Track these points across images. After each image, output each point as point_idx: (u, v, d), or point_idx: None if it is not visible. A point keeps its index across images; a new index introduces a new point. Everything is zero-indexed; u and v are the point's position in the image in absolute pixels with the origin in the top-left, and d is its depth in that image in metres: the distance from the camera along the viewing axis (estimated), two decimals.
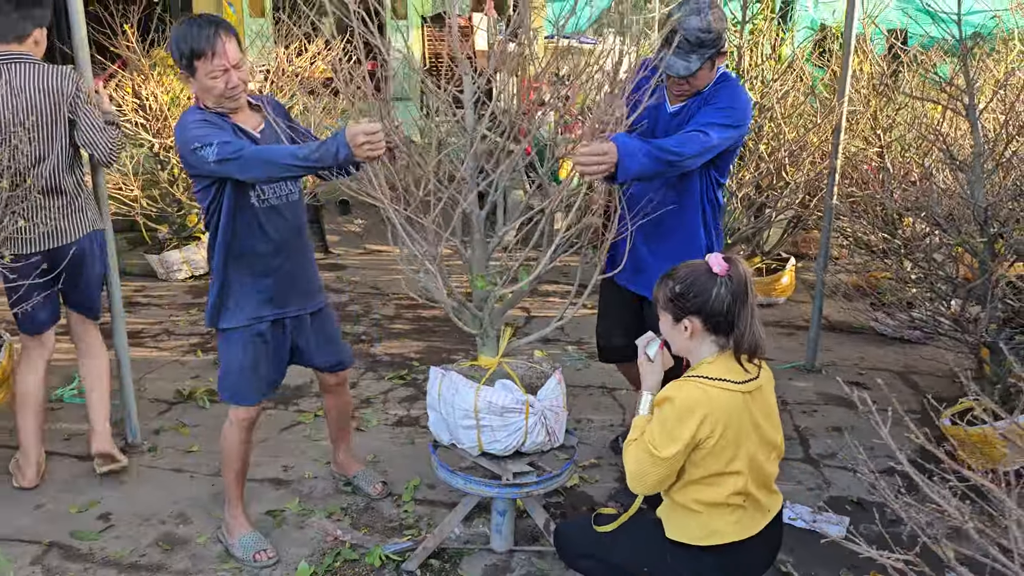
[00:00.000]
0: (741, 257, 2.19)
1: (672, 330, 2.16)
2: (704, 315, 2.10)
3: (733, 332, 2.10)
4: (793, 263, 5.36)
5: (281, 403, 3.90)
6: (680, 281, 2.12)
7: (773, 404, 2.22)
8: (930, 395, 3.86)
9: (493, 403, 2.45)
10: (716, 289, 2.08)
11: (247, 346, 2.71)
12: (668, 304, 2.15)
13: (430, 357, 4.45)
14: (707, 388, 2.06)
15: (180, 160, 2.64)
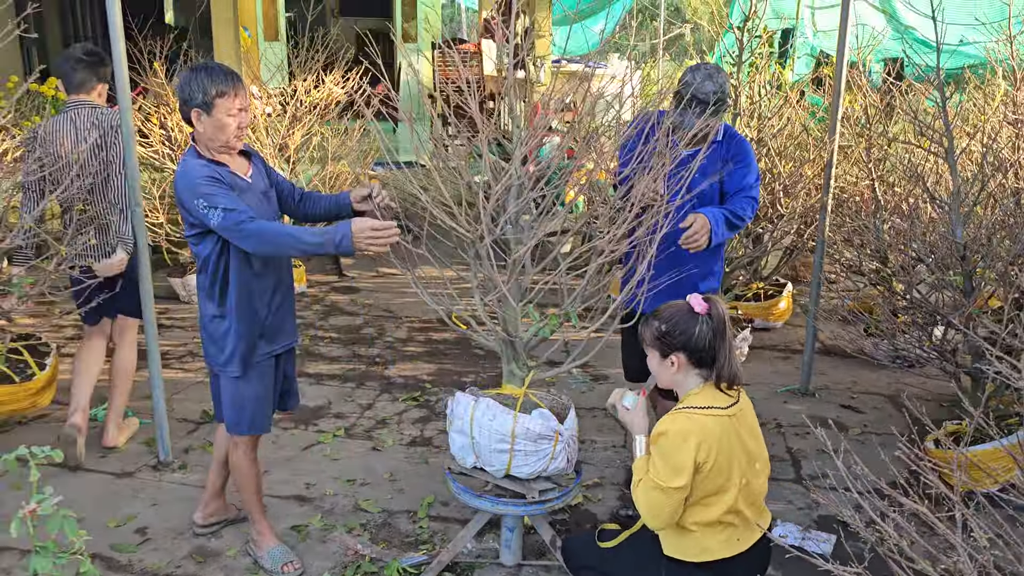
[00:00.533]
0: (719, 298, 2.43)
1: (660, 366, 2.39)
2: (688, 351, 2.33)
3: (715, 364, 2.33)
4: (790, 289, 5.58)
5: (301, 423, 4.12)
6: (665, 321, 2.36)
7: (755, 423, 2.45)
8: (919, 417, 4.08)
9: (530, 430, 2.68)
10: (698, 327, 2.32)
11: (263, 377, 2.91)
12: (655, 342, 2.38)
13: (442, 379, 4.67)
14: (697, 417, 2.29)
15: (177, 203, 2.76)
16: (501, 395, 2.88)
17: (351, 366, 4.87)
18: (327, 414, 4.23)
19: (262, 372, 2.92)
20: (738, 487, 2.33)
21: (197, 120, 2.72)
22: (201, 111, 2.69)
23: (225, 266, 2.79)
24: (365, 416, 4.21)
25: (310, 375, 4.71)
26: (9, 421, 4.05)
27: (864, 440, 4.02)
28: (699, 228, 3.04)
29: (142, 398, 4.34)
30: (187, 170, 2.71)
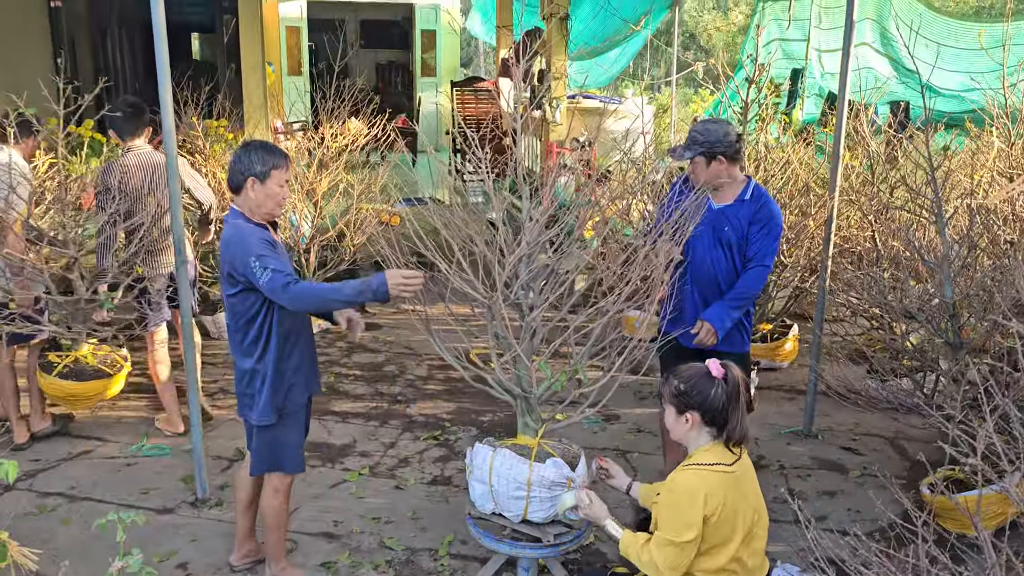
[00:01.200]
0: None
1: (675, 421, 2.62)
2: (702, 411, 2.56)
3: (727, 426, 2.56)
4: (796, 331, 5.78)
5: (328, 461, 4.36)
6: (684, 381, 2.59)
7: (755, 476, 2.67)
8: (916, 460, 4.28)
9: (545, 477, 2.92)
10: (714, 390, 2.54)
11: (298, 422, 3.22)
12: (672, 399, 2.61)
13: (461, 418, 4.91)
14: (703, 473, 2.52)
15: (224, 261, 3.01)
16: (517, 445, 3.12)
17: (374, 404, 5.12)
18: (353, 452, 4.47)
19: (298, 417, 3.20)
20: (742, 537, 2.55)
21: (251, 187, 3.02)
22: (256, 180, 3.02)
23: (269, 323, 3.05)
24: (388, 455, 4.46)
25: (336, 413, 4.96)
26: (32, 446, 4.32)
27: (863, 482, 4.21)
28: (704, 335, 3.56)
29: (179, 435, 4.62)
30: (242, 232, 2.98)
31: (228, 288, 3.05)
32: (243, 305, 3.04)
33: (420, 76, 14.42)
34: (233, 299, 3.05)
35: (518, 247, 3.03)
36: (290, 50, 13.48)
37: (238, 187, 3.05)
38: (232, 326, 3.11)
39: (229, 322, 3.12)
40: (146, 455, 4.39)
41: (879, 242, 4.81)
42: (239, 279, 2.98)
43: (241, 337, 3.09)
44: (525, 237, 3.06)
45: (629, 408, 5.10)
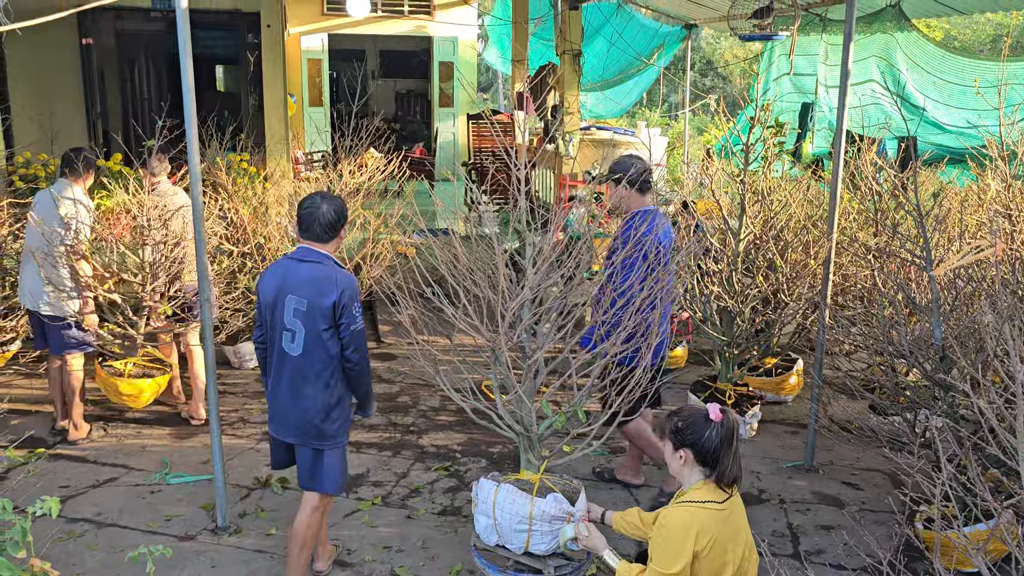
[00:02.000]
0: (731, 408, 2.84)
1: (671, 456, 2.81)
2: (695, 449, 2.74)
3: (718, 467, 2.72)
4: (800, 366, 5.91)
5: (343, 491, 4.53)
6: (682, 419, 2.79)
7: (744, 514, 2.83)
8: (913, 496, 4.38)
9: (546, 512, 3.09)
10: (708, 432, 2.72)
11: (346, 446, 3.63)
12: (671, 435, 2.80)
13: (471, 449, 5.07)
14: (694, 510, 2.68)
15: (337, 304, 3.36)
16: (519, 480, 3.28)
17: (388, 434, 5.29)
18: (366, 482, 4.64)
19: (345, 444, 3.63)
20: (732, 572, 2.69)
21: (343, 234, 3.52)
22: (336, 237, 3.48)
23: (342, 359, 3.44)
24: (400, 484, 4.62)
25: (351, 443, 5.12)
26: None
27: (860, 517, 4.33)
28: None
29: (200, 463, 4.81)
30: (352, 279, 3.42)
31: (322, 324, 3.34)
32: (332, 345, 3.39)
33: (438, 107, 14.70)
34: (326, 334, 3.36)
35: (522, 290, 3.21)
36: (311, 81, 13.82)
37: (335, 233, 3.46)
38: (323, 360, 3.38)
39: (319, 356, 3.37)
40: (169, 483, 4.57)
41: (879, 281, 4.94)
42: (335, 319, 3.36)
43: (331, 371, 3.42)
44: (527, 282, 3.24)
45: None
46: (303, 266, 3.38)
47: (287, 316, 3.36)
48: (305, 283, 3.34)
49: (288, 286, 3.37)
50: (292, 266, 3.41)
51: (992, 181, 4.96)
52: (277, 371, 3.46)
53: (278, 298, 3.38)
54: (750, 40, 6.31)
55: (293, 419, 3.45)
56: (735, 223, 5.15)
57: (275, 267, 3.49)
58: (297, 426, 3.45)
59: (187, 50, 3.65)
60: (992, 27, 24.38)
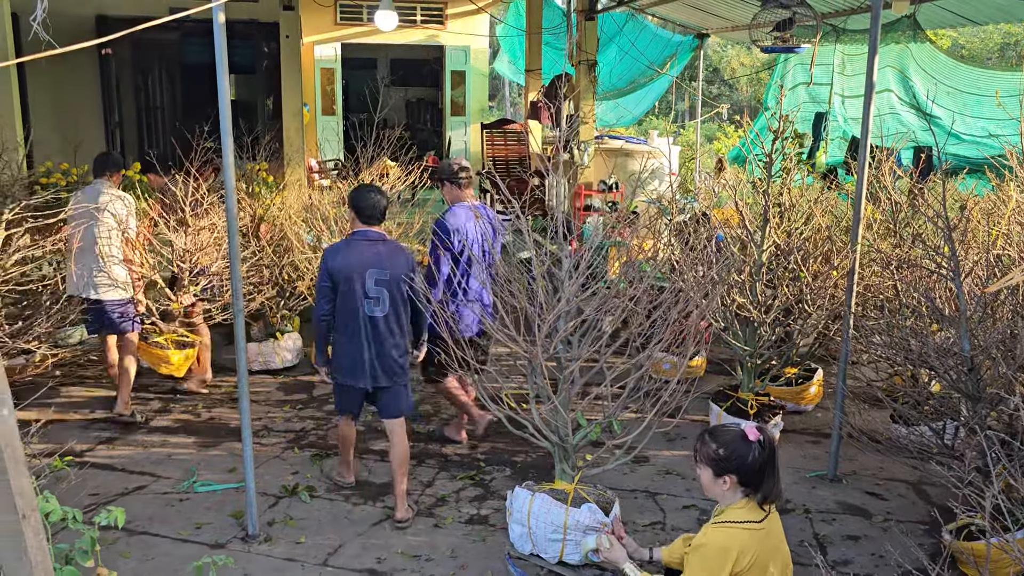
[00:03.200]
0: (767, 425, 2.83)
1: (711, 482, 2.76)
2: (740, 474, 2.70)
3: (762, 487, 2.70)
4: (820, 375, 5.92)
5: (370, 500, 4.56)
6: (722, 445, 2.71)
7: (781, 533, 2.83)
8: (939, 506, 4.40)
9: (580, 522, 3.12)
10: (751, 454, 2.67)
11: None
12: (710, 462, 2.73)
13: (495, 458, 5.10)
14: (734, 531, 2.68)
15: (413, 264, 4.40)
16: (554, 490, 3.31)
17: (411, 443, 5.30)
18: (393, 491, 4.66)
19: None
20: None
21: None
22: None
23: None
24: (427, 493, 4.65)
25: (375, 452, 5.17)
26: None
27: (887, 528, 4.34)
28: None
29: (226, 471, 4.85)
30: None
31: (402, 287, 4.24)
32: (405, 301, 4.30)
33: (449, 115, 14.78)
34: (401, 296, 4.27)
35: (557, 302, 3.24)
36: (324, 90, 13.91)
37: (386, 217, 4.45)
38: (400, 316, 4.28)
39: (398, 313, 4.25)
40: (197, 491, 4.61)
41: (901, 292, 4.97)
42: (410, 278, 4.25)
43: (404, 324, 4.34)
44: (564, 294, 3.28)
45: (658, 450, 5.25)
46: (376, 245, 4.24)
47: (369, 285, 4.16)
48: (383, 257, 4.20)
49: (367, 262, 4.17)
50: (364, 246, 4.23)
51: (1014, 192, 4.97)
52: (357, 334, 4.20)
53: (356, 272, 4.15)
54: (771, 52, 6.36)
55: (381, 366, 4.24)
56: (757, 234, 5.18)
57: (344, 249, 4.25)
58: (385, 370, 4.25)
59: (223, 63, 3.70)
60: (1000, 36, 24.41)
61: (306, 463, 4.98)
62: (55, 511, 1.84)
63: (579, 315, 3.27)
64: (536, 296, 3.26)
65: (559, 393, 3.23)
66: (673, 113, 17.32)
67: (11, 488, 1.25)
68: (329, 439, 5.34)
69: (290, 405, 5.91)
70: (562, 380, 3.23)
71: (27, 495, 1.28)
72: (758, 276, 5.12)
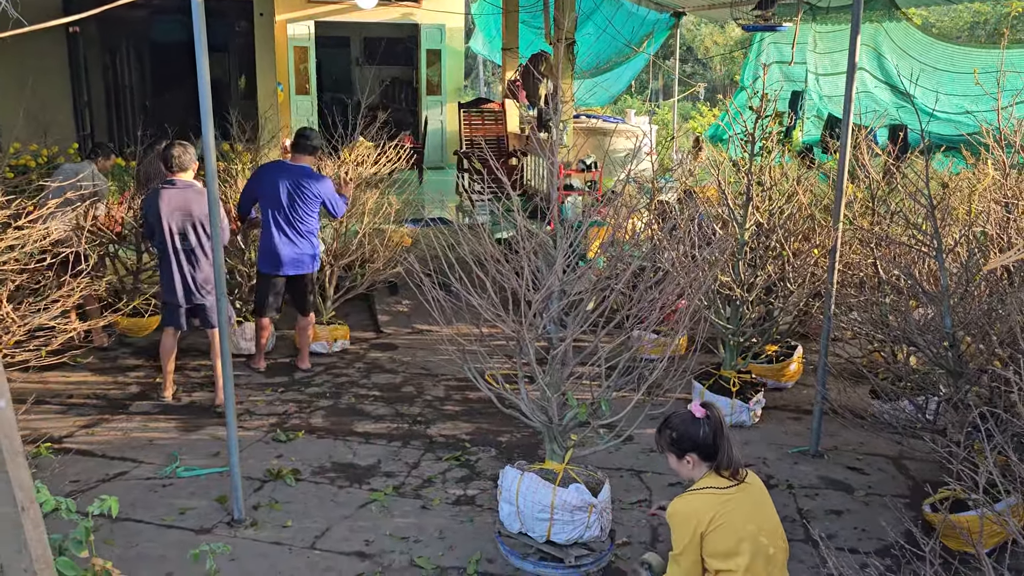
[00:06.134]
0: (712, 403, 2.94)
1: (678, 464, 2.97)
2: (699, 451, 2.91)
3: (717, 456, 2.88)
4: (800, 352, 5.98)
5: (355, 482, 4.55)
6: (674, 429, 2.95)
7: (763, 499, 2.91)
8: (919, 480, 4.47)
9: (567, 502, 3.13)
10: (702, 430, 2.90)
11: None
12: (670, 447, 2.96)
13: (480, 438, 5.10)
14: (693, 496, 2.88)
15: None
16: (544, 470, 3.32)
17: (395, 425, 5.31)
18: (378, 473, 4.66)
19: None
20: (750, 552, 2.77)
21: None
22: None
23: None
24: (412, 475, 4.64)
25: (359, 434, 5.15)
26: (90, 480, 4.50)
27: (868, 502, 4.41)
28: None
29: (210, 455, 4.80)
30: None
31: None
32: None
33: (425, 94, 14.63)
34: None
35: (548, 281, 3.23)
36: (297, 69, 13.69)
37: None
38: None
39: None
40: (180, 476, 4.56)
41: (880, 269, 5.02)
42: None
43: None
44: (556, 271, 3.26)
45: (641, 429, 5.26)
46: (184, 192, 5.27)
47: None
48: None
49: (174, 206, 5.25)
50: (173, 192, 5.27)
51: (991, 170, 5.03)
52: (168, 262, 5.33)
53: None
54: (753, 30, 6.35)
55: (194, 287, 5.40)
56: (739, 211, 5.20)
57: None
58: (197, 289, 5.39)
59: (202, 42, 3.62)
60: (970, 14, 24.62)
61: (290, 446, 4.95)
62: (48, 501, 1.80)
63: (566, 296, 3.26)
64: (524, 274, 3.24)
65: (548, 373, 3.23)
66: (648, 92, 17.27)
67: (10, 480, 1.22)
68: (312, 422, 5.31)
69: (271, 388, 5.87)
70: (551, 360, 3.23)
71: (26, 487, 1.24)
72: (740, 255, 5.14)
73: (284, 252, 5.84)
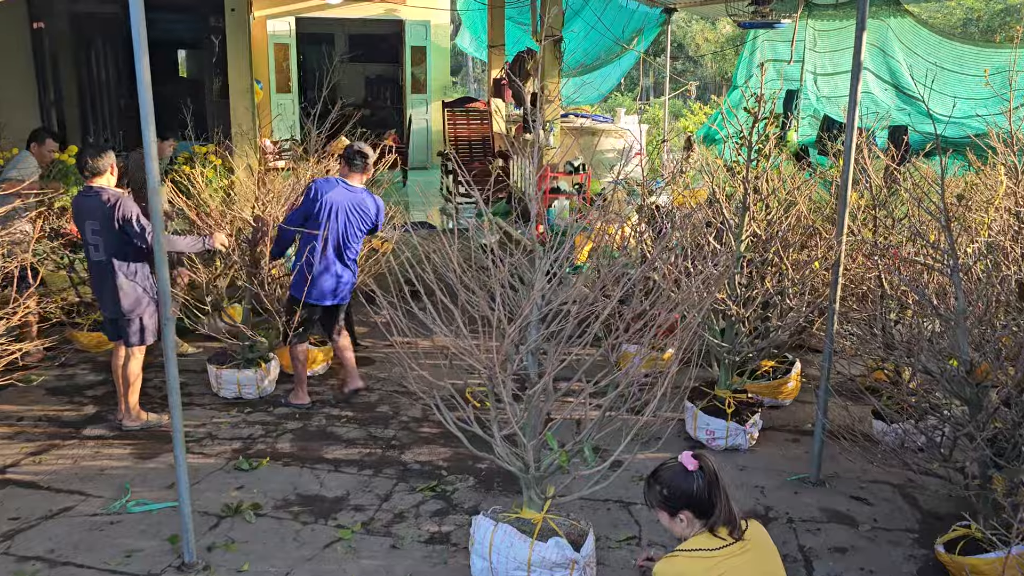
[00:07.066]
0: (704, 452, 2.60)
1: (671, 523, 2.62)
2: (693, 508, 2.56)
3: (712, 513, 2.55)
4: (798, 368, 5.66)
5: (321, 517, 4.19)
6: (665, 484, 2.59)
7: (766, 558, 2.56)
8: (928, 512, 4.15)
9: (546, 558, 2.79)
10: (695, 484, 2.55)
11: None
12: (661, 504, 2.61)
13: (458, 465, 4.76)
14: (677, 560, 2.54)
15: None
16: (520, 519, 2.97)
17: (368, 450, 4.95)
18: (346, 506, 4.31)
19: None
20: None
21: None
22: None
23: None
24: (383, 508, 4.29)
25: (328, 460, 4.80)
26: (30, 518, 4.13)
27: (874, 537, 4.08)
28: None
29: (165, 487, 4.44)
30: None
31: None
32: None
33: (410, 92, 14.25)
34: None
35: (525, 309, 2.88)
36: (279, 67, 13.30)
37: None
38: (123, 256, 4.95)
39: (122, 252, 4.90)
40: (130, 512, 4.20)
41: (885, 282, 4.69)
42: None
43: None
44: (536, 297, 2.91)
45: (630, 453, 4.94)
46: (92, 199, 4.79)
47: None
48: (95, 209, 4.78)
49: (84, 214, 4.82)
50: (86, 200, 4.82)
51: (1002, 176, 4.71)
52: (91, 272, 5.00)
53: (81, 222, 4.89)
54: (750, 27, 6.03)
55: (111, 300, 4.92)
56: (735, 222, 4.86)
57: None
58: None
59: (141, 36, 3.25)
60: (963, 11, 24.38)
61: (253, 476, 4.59)
62: None
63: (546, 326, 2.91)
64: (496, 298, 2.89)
65: (525, 415, 2.89)
66: (638, 89, 16.94)
67: None
68: (278, 447, 4.95)
69: (237, 408, 5.50)
70: (527, 400, 2.88)
71: None
72: (737, 268, 4.80)
73: (332, 281, 5.31)
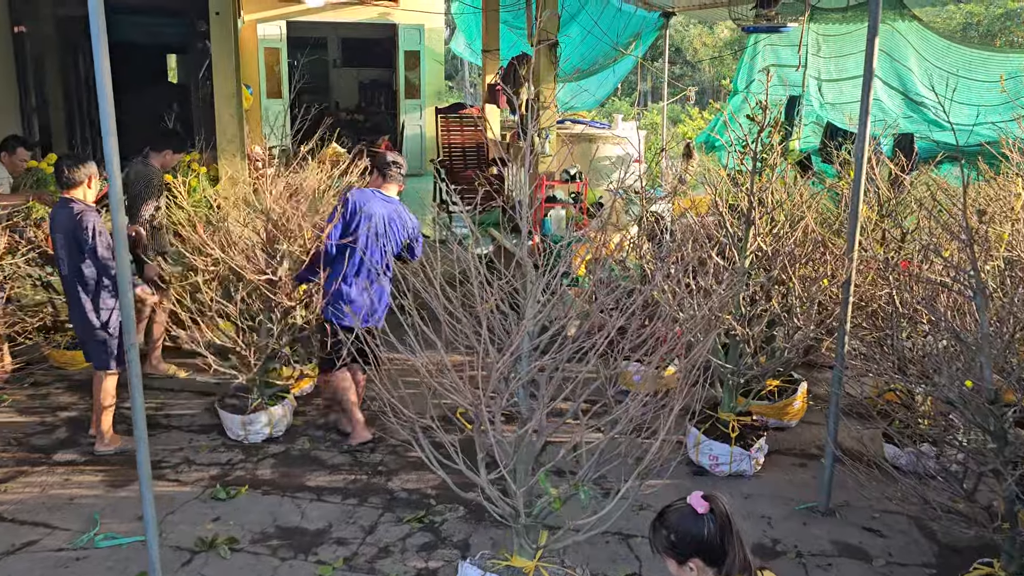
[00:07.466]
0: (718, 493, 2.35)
1: (679, 570, 2.36)
2: (703, 555, 2.30)
3: (725, 561, 2.29)
4: (804, 388, 5.42)
5: (301, 552, 3.94)
6: (673, 530, 2.33)
7: None
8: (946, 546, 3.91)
9: None
10: (705, 529, 2.29)
11: None
12: (668, 551, 2.35)
13: (447, 493, 4.50)
14: None
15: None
16: (511, 568, 2.73)
17: (353, 476, 4.70)
18: (328, 539, 4.05)
19: None
20: None
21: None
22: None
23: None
24: (367, 542, 4.04)
25: (311, 488, 4.55)
26: None
27: (889, 572, 3.84)
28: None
29: (137, 518, 4.17)
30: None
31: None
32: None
33: (404, 98, 14.02)
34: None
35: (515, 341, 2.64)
36: (269, 72, 13.06)
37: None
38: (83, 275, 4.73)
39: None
40: (98, 546, 3.94)
41: (897, 301, 4.46)
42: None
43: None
44: (527, 325, 2.67)
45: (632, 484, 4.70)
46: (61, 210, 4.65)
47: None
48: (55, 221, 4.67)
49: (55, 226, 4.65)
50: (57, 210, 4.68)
51: (1020, 189, 4.48)
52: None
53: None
54: (754, 31, 5.81)
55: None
56: (739, 236, 4.63)
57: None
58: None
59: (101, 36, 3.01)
60: (963, 16, 24.23)
61: (230, 505, 4.33)
62: None
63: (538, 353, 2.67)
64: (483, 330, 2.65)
65: (514, 456, 2.64)
66: (636, 94, 16.71)
67: None
68: (259, 473, 4.70)
69: (217, 430, 5.24)
70: (516, 441, 2.64)
71: None
72: (744, 285, 4.57)
73: (373, 300, 4.87)
